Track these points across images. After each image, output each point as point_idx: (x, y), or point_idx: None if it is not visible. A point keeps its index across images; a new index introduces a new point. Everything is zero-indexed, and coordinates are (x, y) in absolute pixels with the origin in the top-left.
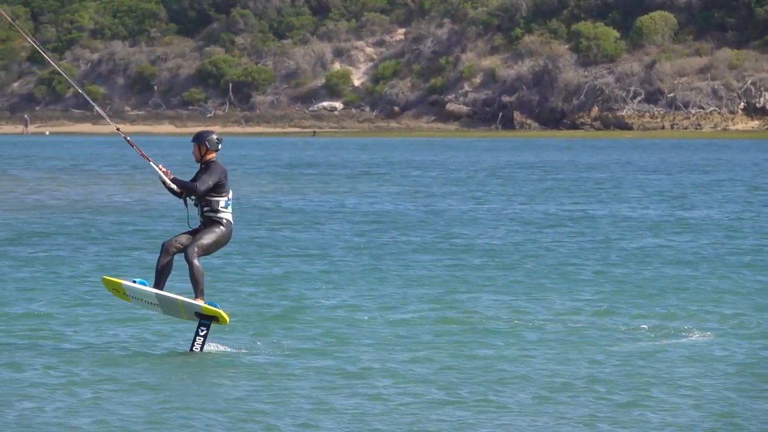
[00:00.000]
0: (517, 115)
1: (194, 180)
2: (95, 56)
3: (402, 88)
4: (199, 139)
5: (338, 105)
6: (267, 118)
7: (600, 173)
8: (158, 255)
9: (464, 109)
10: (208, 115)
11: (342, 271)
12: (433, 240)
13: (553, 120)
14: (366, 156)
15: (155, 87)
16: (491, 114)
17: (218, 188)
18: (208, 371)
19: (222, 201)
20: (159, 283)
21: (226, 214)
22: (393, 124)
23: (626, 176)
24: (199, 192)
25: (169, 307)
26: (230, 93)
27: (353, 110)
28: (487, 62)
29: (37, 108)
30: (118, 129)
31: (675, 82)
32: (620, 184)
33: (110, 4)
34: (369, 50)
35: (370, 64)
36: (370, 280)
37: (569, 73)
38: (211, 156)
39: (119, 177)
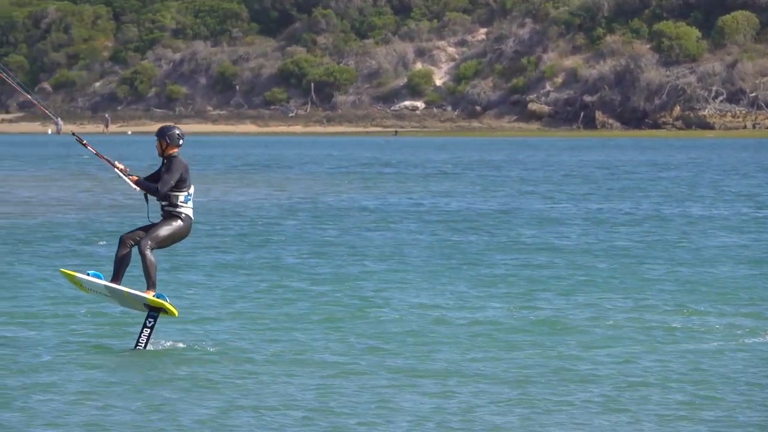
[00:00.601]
0: (599, 115)
1: (156, 174)
2: (177, 56)
3: (484, 88)
4: (161, 134)
5: (420, 105)
6: (349, 117)
7: (678, 172)
8: (117, 248)
9: (546, 108)
10: (290, 115)
11: (417, 270)
12: (509, 239)
13: (634, 119)
14: (445, 155)
15: (237, 87)
16: (573, 114)
17: (179, 184)
18: (280, 368)
19: (181, 196)
20: (116, 276)
21: (185, 209)
22: (475, 123)
23: (704, 176)
24: (161, 194)
25: (120, 298)
26: (312, 93)
27: (435, 110)
28: (569, 62)
29: (119, 108)
30: (74, 134)
31: (757, 81)
32: (697, 183)
33: (192, 3)
34: (451, 50)
35: (452, 63)
36: (446, 279)
37: (651, 72)
38: (173, 151)
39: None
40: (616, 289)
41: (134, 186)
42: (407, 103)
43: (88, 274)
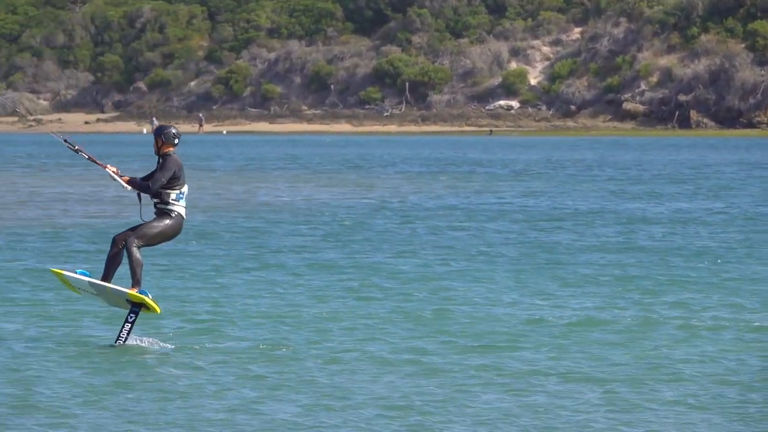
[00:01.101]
0: (694, 114)
1: (152, 173)
2: (272, 55)
3: (578, 87)
4: (158, 132)
5: (515, 104)
6: (443, 117)
7: None
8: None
9: (641, 108)
10: (385, 114)
11: (504, 269)
12: (597, 239)
13: (729, 119)
14: (537, 155)
15: (332, 86)
16: (667, 113)
17: (171, 182)
18: (366, 366)
19: (173, 194)
20: (106, 275)
21: (177, 207)
22: (569, 123)
23: None
24: (152, 191)
25: (105, 295)
26: (407, 92)
27: (530, 109)
28: (664, 61)
29: (214, 107)
30: (66, 141)
31: None
32: None
33: (287, 3)
34: (545, 49)
35: (547, 63)
36: (533, 278)
37: (746, 72)
38: (168, 149)
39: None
40: (705, 288)
41: (126, 186)
42: (502, 102)
43: (75, 273)
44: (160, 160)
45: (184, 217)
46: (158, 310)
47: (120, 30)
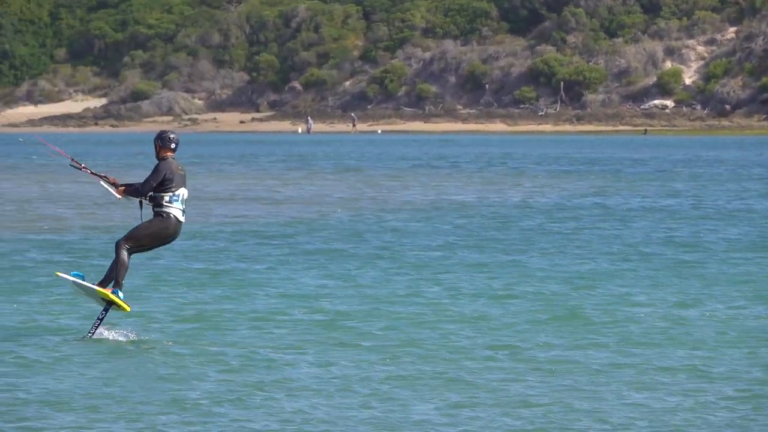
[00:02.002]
0: None
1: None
2: (427, 55)
3: (733, 87)
4: (156, 137)
5: (669, 103)
6: (598, 116)
7: None
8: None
9: None
10: (540, 114)
11: (656, 269)
12: (749, 238)
13: None
14: (683, 154)
15: (486, 86)
16: None
17: (164, 184)
18: (497, 364)
19: (166, 196)
20: (104, 279)
21: (169, 209)
22: (724, 122)
23: None
24: (143, 193)
25: (87, 293)
26: (561, 91)
27: (684, 109)
28: None
29: (369, 106)
30: (71, 159)
31: None
32: None
33: (442, 2)
34: (700, 49)
35: (701, 62)
36: (678, 278)
37: None
38: (165, 154)
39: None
40: None
41: (118, 195)
42: (656, 101)
43: (69, 274)
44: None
45: (181, 219)
46: (127, 309)
47: (275, 29)
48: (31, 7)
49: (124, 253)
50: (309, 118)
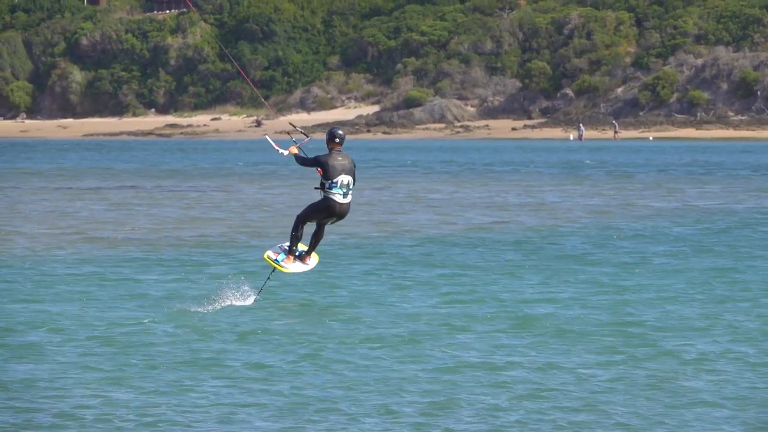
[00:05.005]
0: None
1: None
2: (699, 61)
3: None
4: (327, 132)
5: None
6: None
7: None
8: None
9: None
10: None
11: None
12: None
13: None
14: None
15: (758, 92)
16: None
17: (325, 172)
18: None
19: (326, 183)
20: (309, 248)
21: (328, 193)
22: None
23: None
24: (299, 162)
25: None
26: None
27: None
28: None
29: (641, 113)
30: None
31: None
32: None
33: (714, 9)
34: None
35: None
36: None
37: None
38: (333, 146)
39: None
40: None
41: (285, 152)
42: None
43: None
44: None
45: (339, 201)
46: (283, 270)
47: (548, 36)
48: (304, 14)
49: (300, 227)
50: (580, 125)
